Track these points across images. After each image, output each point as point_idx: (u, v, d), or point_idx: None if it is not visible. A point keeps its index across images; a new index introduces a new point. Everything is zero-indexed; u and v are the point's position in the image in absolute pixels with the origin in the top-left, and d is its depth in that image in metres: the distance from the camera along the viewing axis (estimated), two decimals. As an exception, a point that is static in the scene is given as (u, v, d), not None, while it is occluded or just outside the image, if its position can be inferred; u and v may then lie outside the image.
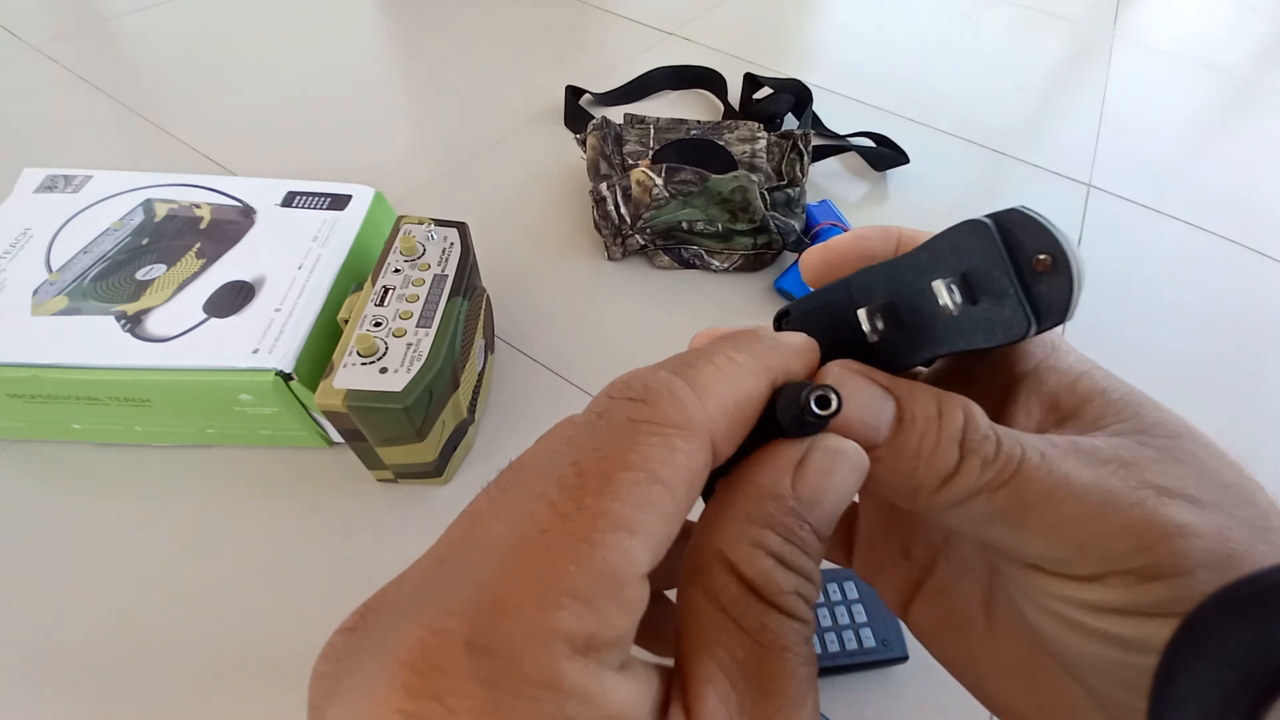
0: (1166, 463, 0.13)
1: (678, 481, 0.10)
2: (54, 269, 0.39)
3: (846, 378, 0.13)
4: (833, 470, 0.12)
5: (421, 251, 0.39)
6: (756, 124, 0.61)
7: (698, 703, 0.10)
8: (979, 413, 0.13)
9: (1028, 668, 0.15)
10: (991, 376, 0.15)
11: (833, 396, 0.12)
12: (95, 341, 0.36)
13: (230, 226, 0.42)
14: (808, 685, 0.10)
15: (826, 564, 0.38)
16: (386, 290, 0.37)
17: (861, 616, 0.35)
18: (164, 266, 0.39)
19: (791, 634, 0.11)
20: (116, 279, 0.38)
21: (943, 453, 0.13)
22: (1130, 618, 0.12)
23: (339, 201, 0.44)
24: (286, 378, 0.36)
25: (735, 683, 0.10)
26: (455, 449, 0.40)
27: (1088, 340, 0.53)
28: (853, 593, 0.36)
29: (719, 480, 0.13)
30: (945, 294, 0.13)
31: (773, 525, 0.11)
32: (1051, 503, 0.12)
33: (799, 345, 0.14)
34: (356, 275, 0.41)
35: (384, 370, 0.33)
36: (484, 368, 0.43)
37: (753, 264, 0.55)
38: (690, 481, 0.11)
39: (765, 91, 0.71)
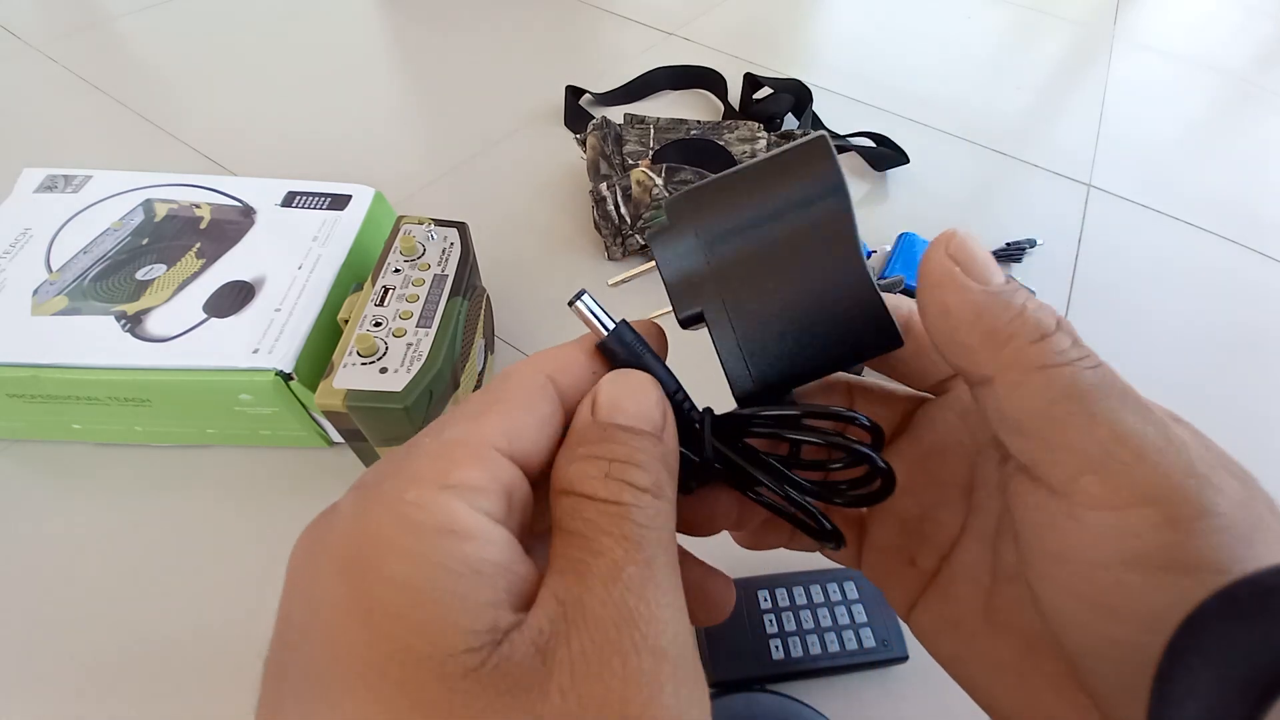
0: (1199, 436, 0.14)
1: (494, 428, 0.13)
2: (54, 269, 0.39)
3: (958, 233, 0.14)
4: (612, 386, 0.14)
5: (421, 251, 0.39)
6: (756, 124, 0.61)
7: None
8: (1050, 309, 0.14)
9: (1021, 668, 0.16)
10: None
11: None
12: (95, 341, 0.36)
13: (230, 226, 0.42)
14: (638, 536, 0.12)
15: (828, 564, 0.38)
16: (386, 290, 0.37)
17: (861, 616, 0.35)
18: (164, 266, 0.39)
19: (634, 514, 0.12)
20: (116, 279, 0.38)
21: (1042, 314, 0.13)
22: (1155, 573, 0.12)
23: (339, 201, 0.44)
24: (286, 378, 0.36)
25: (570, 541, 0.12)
26: (455, 449, 0.40)
27: (1087, 340, 0.53)
28: (853, 593, 0.36)
29: None
30: None
31: (594, 451, 0.13)
32: (1127, 408, 0.13)
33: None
34: (356, 275, 0.41)
35: (384, 370, 0.33)
36: (484, 368, 0.43)
37: (753, 264, 0.55)
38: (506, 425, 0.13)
39: (765, 91, 0.71)
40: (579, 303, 0.14)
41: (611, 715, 0.10)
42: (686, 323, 0.16)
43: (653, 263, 0.16)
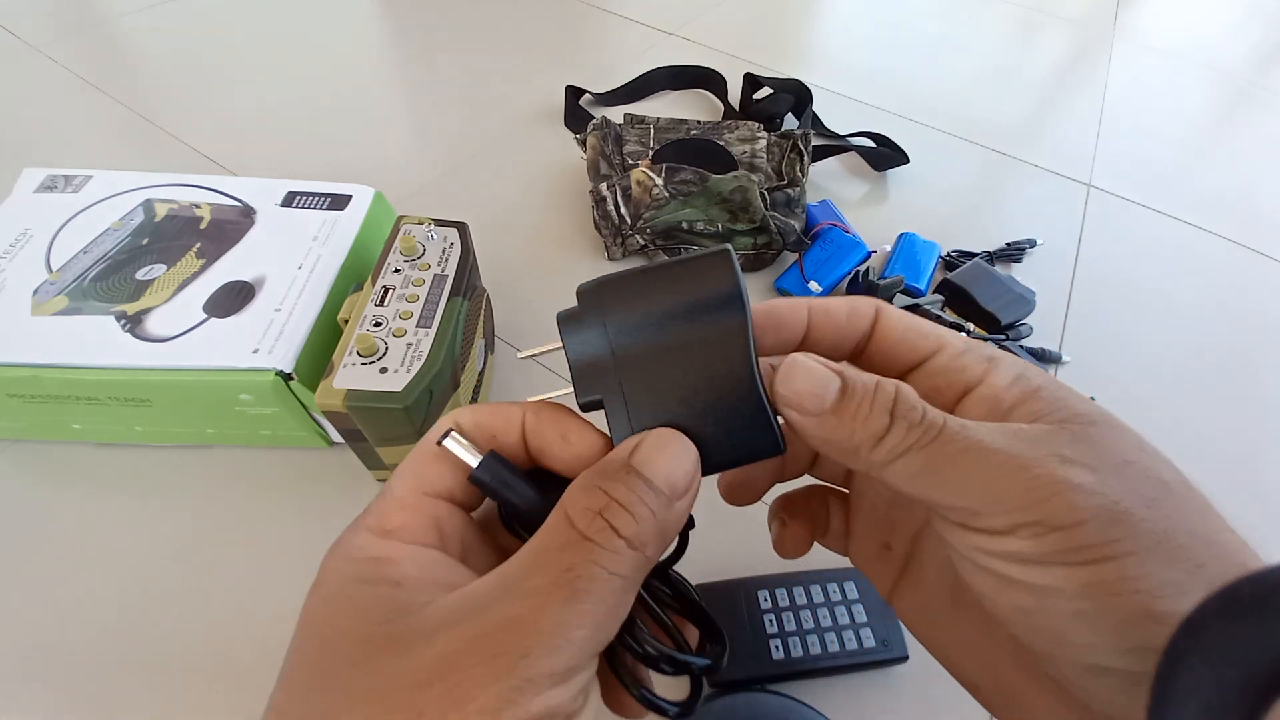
0: (1076, 441, 0.15)
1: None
2: (54, 269, 0.39)
3: (798, 359, 0.16)
4: (656, 440, 0.16)
5: (421, 251, 0.39)
6: (756, 124, 0.61)
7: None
8: (910, 391, 0.16)
9: (983, 646, 0.18)
10: (940, 390, 0.18)
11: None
12: (95, 341, 0.36)
13: (230, 226, 0.42)
14: (600, 577, 0.14)
15: (828, 564, 0.38)
16: (386, 290, 0.37)
17: (861, 616, 0.35)
18: (164, 266, 0.39)
19: (596, 554, 0.14)
20: (116, 279, 0.38)
21: (876, 416, 0.15)
22: (1036, 566, 0.14)
23: (339, 201, 0.44)
24: (286, 378, 0.36)
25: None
26: (455, 449, 0.40)
27: (1088, 340, 0.53)
28: (853, 593, 0.36)
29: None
30: None
31: (604, 485, 0.15)
32: (965, 461, 0.15)
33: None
34: (356, 275, 0.41)
35: (384, 370, 0.33)
36: (484, 368, 0.43)
37: (753, 264, 0.55)
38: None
39: (765, 91, 0.71)
40: (445, 441, 0.16)
41: (439, 699, 0.12)
42: (586, 407, 0.17)
43: (559, 344, 0.17)
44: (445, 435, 0.16)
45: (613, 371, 0.17)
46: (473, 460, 0.16)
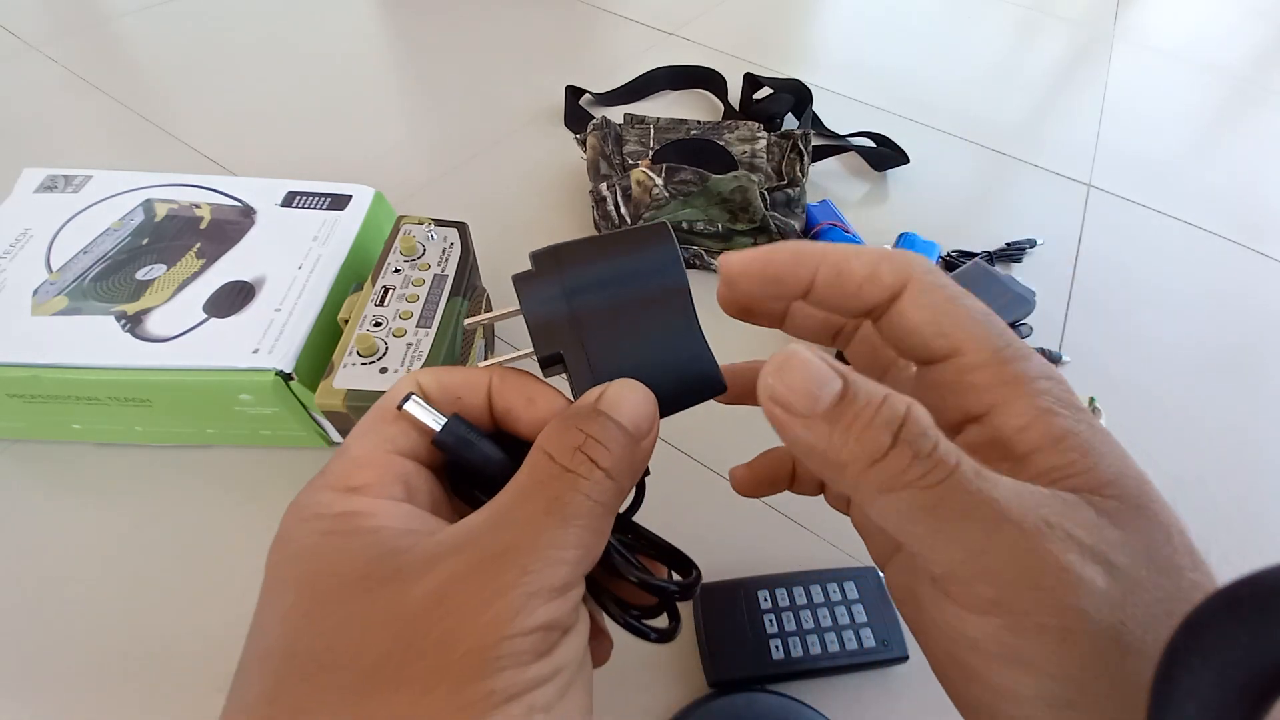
0: (1100, 524, 0.13)
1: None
2: (54, 269, 0.39)
3: (797, 350, 0.14)
4: (620, 389, 0.16)
5: (421, 251, 0.39)
6: (756, 124, 0.61)
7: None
8: (924, 413, 0.13)
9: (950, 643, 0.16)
10: (939, 409, 0.15)
11: None
12: (95, 341, 0.36)
13: (230, 226, 0.42)
14: (584, 503, 0.14)
15: (828, 564, 0.38)
16: (386, 290, 0.37)
17: (862, 616, 0.35)
18: (164, 266, 0.39)
19: (579, 484, 0.15)
20: (116, 279, 0.38)
21: (875, 433, 0.13)
22: (1003, 661, 0.13)
23: (339, 201, 0.44)
24: (286, 378, 0.36)
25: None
26: (455, 449, 0.40)
27: (1088, 340, 0.53)
28: (853, 593, 0.36)
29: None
30: None
31: (579, 424, 0.15)
32: (974, 518, 0.12)
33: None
34: (356, 275, 0.41)
35: (384, 370, 0.33)
36: (484, 368, 0.43)
37: (753, 264, 0.55)
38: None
39: (765, 91, 0.71)
40: (407, 405, 0.17)
41: (451, 599, 0.13)
42: (546, 361, 0.18)
43: (504, 311, 0.19)
44: (407, 399, 0.16)
45: (569, 328, 0.18)
46: (435, 424, 0.16)
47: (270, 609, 0.15)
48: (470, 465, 0.17)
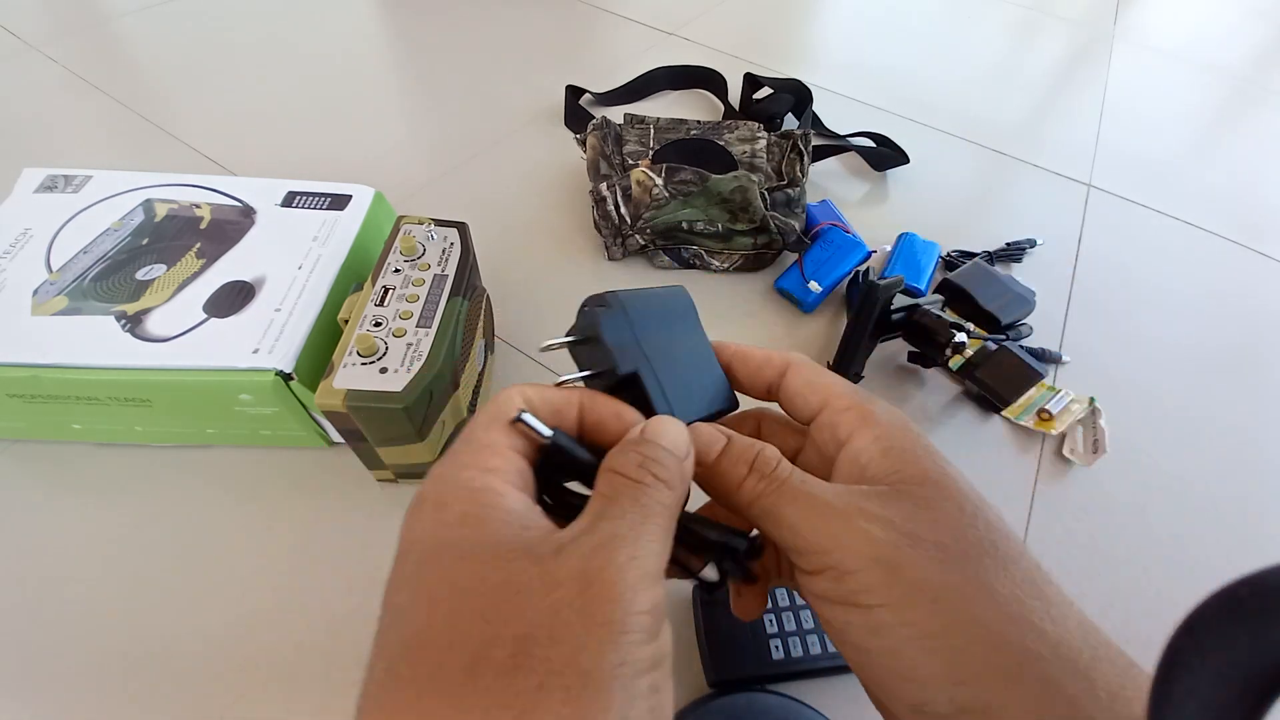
0: (892, 498, 0.19)
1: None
2: (54, 269, 0.39)
3: (701, 427, 0.22)
4: (658, 423, 0.20)
5: (421, 251, 0.39)
6: (757, 124, 0.61)
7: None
8: (773, 451, 0.21)
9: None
10: (824, 444, 0.23)
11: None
12: (95, 341, 0.36)
13: (230, 226, 0.42)
14: (656, 505, 0.18)
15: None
16: (386, 290, 0.37)
17: (861, 616, 0.35)
18: (164, 266, 0.39)
19: (650, 492, 0.18)
20: (116, 279, 0.38)
21: (739, 467, 0.21)
22: (836, 606, 0.19)
23: (339, 201, 0.44)
24: (286, 378, 0.36)
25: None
26: (455, 449, 0.40)
27: (1088, 340, 0.53)
28: (853, 593, 0.36)
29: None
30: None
31: (637, 449, 0.19)
32: (796, 508, 0.19)
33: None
34: (356, 275, 0.41)
35: (384, 370, 0.33)
36: (484, 368, 0.43)
37: (753, 264, 0.55)
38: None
39: (765, 91, 0.71)
40: (524, 417, 0.20)
41: (590, 574, 0.16)
42: (625, 380, 0.22)
43: (566, 339, 0.23)
44: (521, 413, 0.20)
45: (638, 349, 0.22)
46: (546, 433, 0.20)
47: (433, 568, 0.17)
48: (569, 466, 0.20)
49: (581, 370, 0.23)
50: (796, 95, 0.70)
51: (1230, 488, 0.45)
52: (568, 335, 0.23)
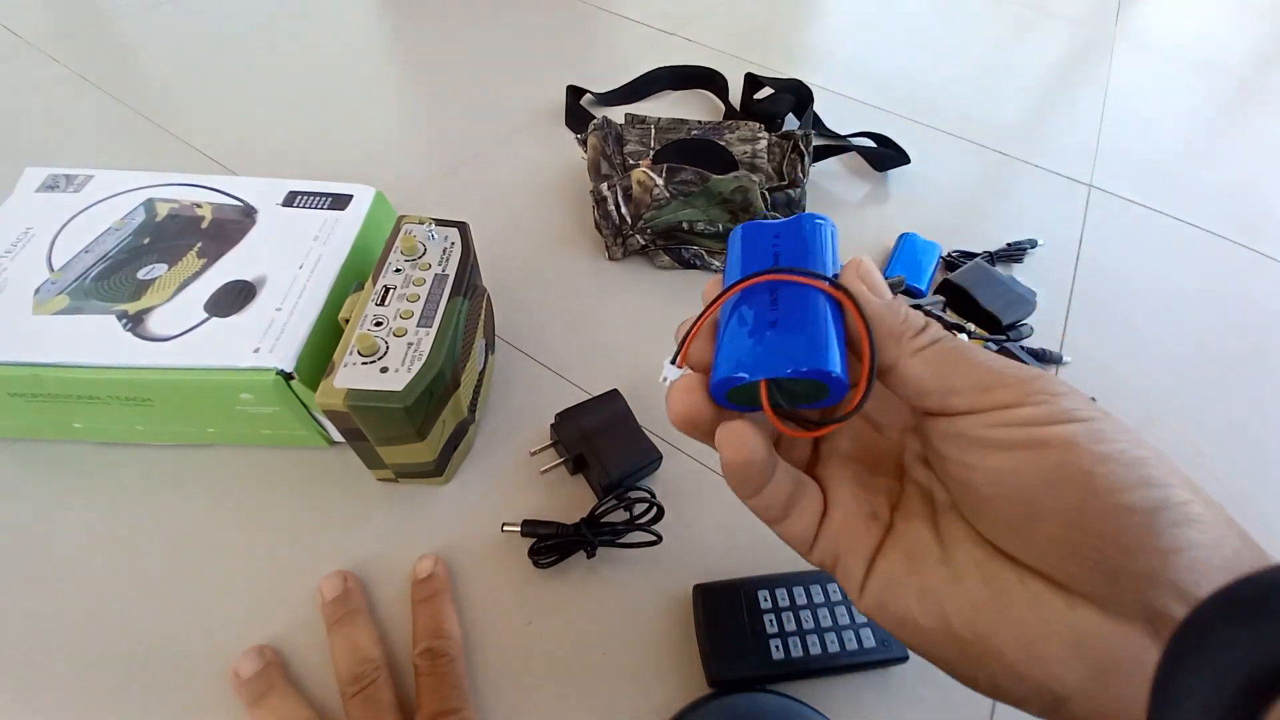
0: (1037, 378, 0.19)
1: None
2: (55, 268, 0.39)
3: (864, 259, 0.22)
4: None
5: (422, 251, 0.39)
6: (757, 124, 0.61)
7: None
8: (934, 324, 0.21)
9: (984, 573, 0.19)
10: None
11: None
12: (96, 341, 0.36)
13: (231, 226, 0.42)
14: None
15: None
16: (387, 290, 0.37)
17: (862, 617, 0.35)
18: (165, 266, 0.39)
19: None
20: (118, 278, 0.39)
21: (917, 316, 0.21)
22: (999, 428, 0.18)
23: (340, 201, 0.44)
24: (287, 377, 0.36)
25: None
26: (456, 449, 0.40)
27: (1089, 340, 0.53)
28: (853, 593, 0.36)
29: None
30: None
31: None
32: (949, 359, 0.20)
33: None
34: (357, 275, 0.41)
35: (384, 370, 0.33)
36: (484, 367, 0.43)
37: (753, 264, 0.55)
38: None
39: (766, 91, 0.71)
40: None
41: None
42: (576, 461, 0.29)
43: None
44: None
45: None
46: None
47: None
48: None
49: None
50: (797, 95, 0.70)
51: (1230, 487, 0.45)
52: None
